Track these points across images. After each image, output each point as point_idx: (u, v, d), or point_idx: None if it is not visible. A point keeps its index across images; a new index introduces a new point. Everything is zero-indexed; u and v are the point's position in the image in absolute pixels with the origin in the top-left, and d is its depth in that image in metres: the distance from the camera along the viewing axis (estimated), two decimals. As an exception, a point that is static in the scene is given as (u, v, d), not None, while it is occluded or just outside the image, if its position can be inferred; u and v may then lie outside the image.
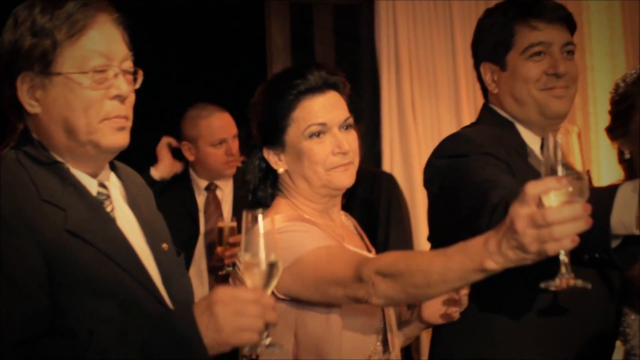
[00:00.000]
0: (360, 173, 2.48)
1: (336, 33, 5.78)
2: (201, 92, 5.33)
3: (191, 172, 4.61)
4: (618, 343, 2.84)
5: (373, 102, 5.53)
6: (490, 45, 2.73)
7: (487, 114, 2.78)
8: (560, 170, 1.75)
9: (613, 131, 2.83)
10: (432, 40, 5.42)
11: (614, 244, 2.01)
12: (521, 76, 2.65)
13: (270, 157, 2.47)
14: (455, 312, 2.55)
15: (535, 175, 2.50)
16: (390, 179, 4.80)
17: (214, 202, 4.54)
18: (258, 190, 2.51)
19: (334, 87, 2.47)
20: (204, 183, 4.57)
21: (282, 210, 2.44)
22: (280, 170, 2.46)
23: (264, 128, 2.48)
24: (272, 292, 1.99)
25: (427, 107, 5.38)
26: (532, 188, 1.72)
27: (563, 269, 1.78)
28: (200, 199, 4.55)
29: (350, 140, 2.44)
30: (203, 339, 1.75)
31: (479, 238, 1.85)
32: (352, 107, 2.54)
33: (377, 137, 5.45)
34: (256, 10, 5.70)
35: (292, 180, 2.46)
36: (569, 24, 2.73)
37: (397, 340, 2.52)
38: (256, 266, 1.87)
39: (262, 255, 1.87)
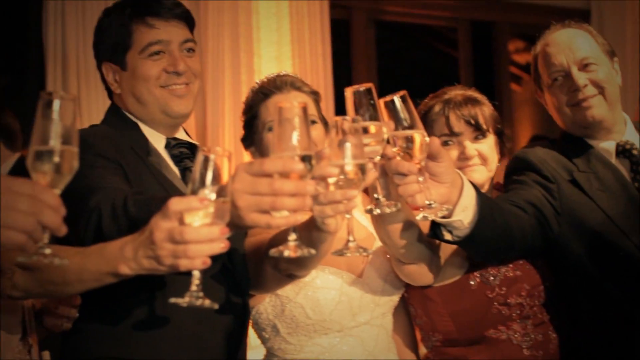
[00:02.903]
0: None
1: (1, 27, 5.48)
2: None
3: None
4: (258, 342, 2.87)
5: (38, 97, 5.25)
6: (110, 45, 2.67)
7: (111, 114, 2.73)
8: (205, 190, 1.74)
9: (245, 140, 2.87)
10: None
11: None
12: (141, 75, 2.61)
13: None
14: (65, 323, 2.47)
15: (154, 173, 2.51)
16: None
17: None
18: None
19: None
20: None
21: None
22: None
23: None
24: None
25: (93, 104, 5.21)
26: (174, 204, 1.72)
27: (193, 287, 1.80)
28: None
29: None
30: None
31: (118, 242, 1.88)
32: (13, 102, 2.39)
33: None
34: None
35: None
36: (188, 21, 2.72)
37: (35, 338, 2.41)
38: (44, 155, 1.63)
39: (53, 143, 1.63)
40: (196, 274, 1.80)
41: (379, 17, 6.68)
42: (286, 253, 1.88)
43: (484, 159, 2.81)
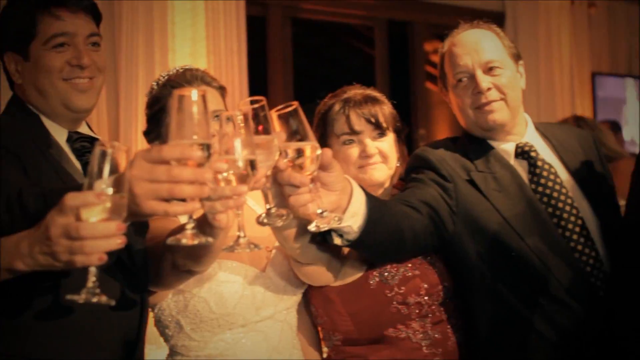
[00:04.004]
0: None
1: None
2: None
3: None
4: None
5: None
6: (13, 34, 2.61)
7: (12, 105, 2.67)
8: (102, 185, 1.72)
9: (149, 134, 2.88)
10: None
11: None
12: (44, 67, 2.56)
13: None
14: None
15: (54, 166, 2.46)
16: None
17: None
18: None
19: None
20: None
21: None
22: None
23: None
24: None
25: (3, 95, 5.08)
26: (70, 199, 1.71)
27: (90, 284, 1.79)
28: None
29: None
30: None
31: (13, 237, 1.85)
32: None
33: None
34: None
35: None
36: (95, 14, 2.69)
37: None
38: None
39: None
40: (92, 270, 1.79)
41: (295, 14, 6.69)
42: (184, 241, 1.88)
43: (385, 157, 2.84)
